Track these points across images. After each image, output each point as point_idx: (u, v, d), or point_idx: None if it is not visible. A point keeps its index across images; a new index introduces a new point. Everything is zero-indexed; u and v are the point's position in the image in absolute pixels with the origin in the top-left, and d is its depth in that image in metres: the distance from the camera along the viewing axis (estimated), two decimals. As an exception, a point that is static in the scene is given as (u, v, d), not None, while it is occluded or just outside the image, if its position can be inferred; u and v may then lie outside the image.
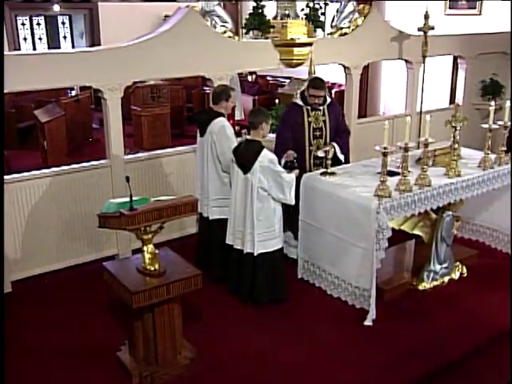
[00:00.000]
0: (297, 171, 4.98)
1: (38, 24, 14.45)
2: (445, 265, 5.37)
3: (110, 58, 5.43)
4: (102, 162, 5.73)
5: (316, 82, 5.48)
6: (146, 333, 3.96)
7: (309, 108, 5.57)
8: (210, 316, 4.83)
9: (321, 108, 5.59)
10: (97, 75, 5.36)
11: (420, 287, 5.27)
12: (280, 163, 5.05)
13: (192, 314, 4.66)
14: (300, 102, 5.62)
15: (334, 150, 5.53)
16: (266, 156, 4.71)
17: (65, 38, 14.96)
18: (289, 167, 5.07)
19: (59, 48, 14.28)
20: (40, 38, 14.58)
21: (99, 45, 12.45)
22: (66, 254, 5.62)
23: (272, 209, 4.80)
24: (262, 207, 4.76)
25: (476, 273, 5.59)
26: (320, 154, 5.39)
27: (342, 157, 5.64)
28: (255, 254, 4.82)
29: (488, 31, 8.73)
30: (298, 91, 6.17)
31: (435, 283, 5.32)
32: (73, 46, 14.74)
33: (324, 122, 5.60)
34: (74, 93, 11.72)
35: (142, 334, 3.99)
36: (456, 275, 5.48)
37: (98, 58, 5.39)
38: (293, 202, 4.82)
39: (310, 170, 5.55)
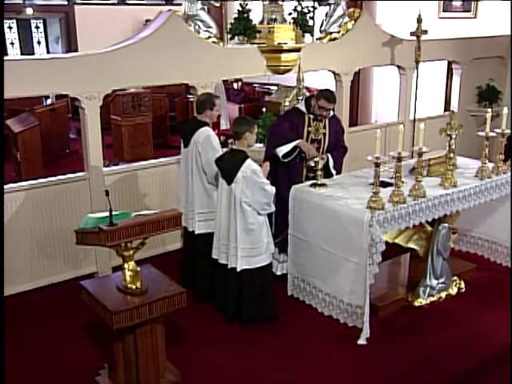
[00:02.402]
0: (267, 167, 4.98)
1: (10, 27, 14.41)
2: (442, 279, 5.42)
3: (87, 65, 5.45)
4: (80, 174, 5.73)
5: (330, 95, 5.46)
6: (127, 355, 3.94)
7: (311, 117, 5.57)
8: (195, 336, 4.83)
9: (323, 120, 5.60)
10: (74, 83, 5.38)
11: (416, 303, 5.31)
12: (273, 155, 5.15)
13: (176, 334, 4.66)
14: (303, 109, 5.61)
15: (328, 161, 5.57)
16: (249, 166, 4.74)
17: (39, 43, 14.94)
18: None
19: (33, 54, 14.27)
20: (12, 43, 14.54)
21: (76, 51, 12.45)
22: (40, 273, 5.60)
23: (258, 223, 4.83)
24: (246, 222, 4.77)
25: (475, 287, 5.65)
26: (310, 163, 5.43)
27: (334, 172, 5.66)
28: (238, 270, 4.84)
29: (484, 35, 8.85)
30: (286, 99, 6.23)
31: (432, 299, 5.37)
32: (48, 52, 14.73)
33: (324, 134, 5.61)
34: (49, 101, 11.70)
35: (122, 357, 3.97)
36: (454, 290, 5.53)
37: (75, 64, 5.40)
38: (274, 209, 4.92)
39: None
